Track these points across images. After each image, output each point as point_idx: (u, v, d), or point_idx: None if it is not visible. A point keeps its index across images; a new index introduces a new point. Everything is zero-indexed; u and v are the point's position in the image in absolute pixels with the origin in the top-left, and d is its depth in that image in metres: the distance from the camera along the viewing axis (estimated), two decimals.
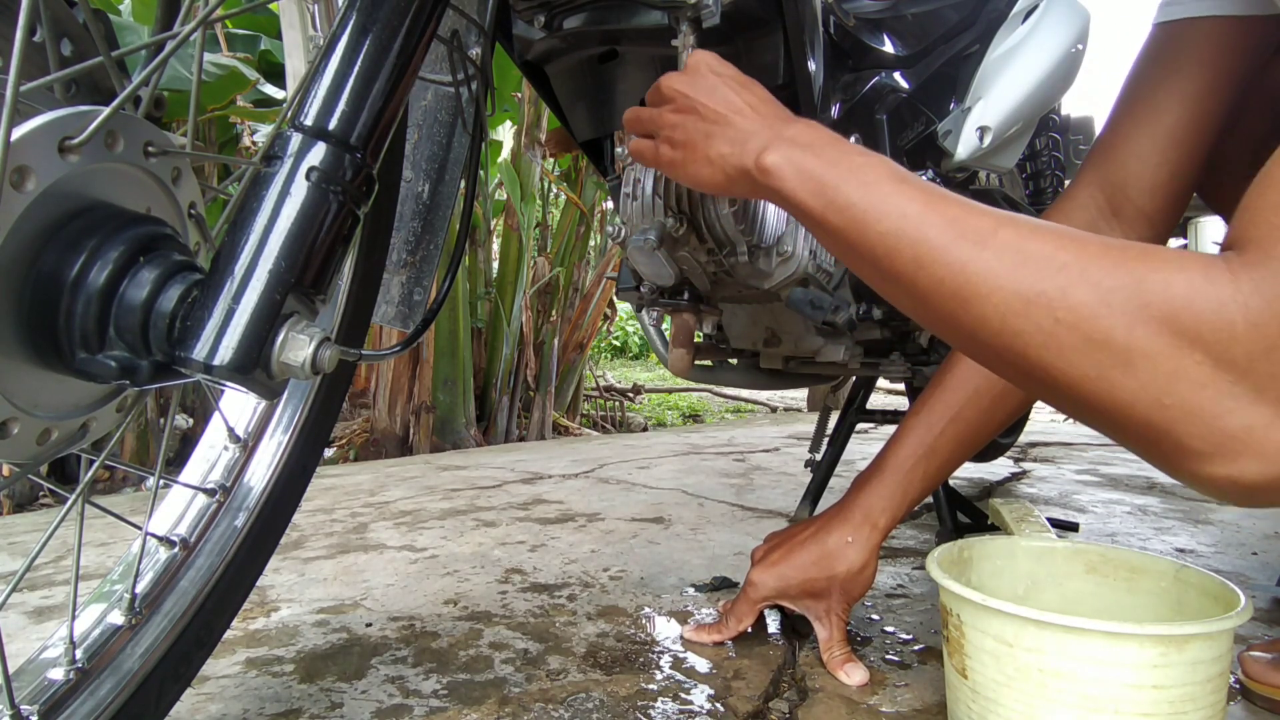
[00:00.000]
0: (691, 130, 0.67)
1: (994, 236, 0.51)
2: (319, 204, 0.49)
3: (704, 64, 0.68)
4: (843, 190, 0.58)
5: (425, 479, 2.15)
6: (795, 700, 0.82)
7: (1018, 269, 0.50)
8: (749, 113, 0.65)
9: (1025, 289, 0.49)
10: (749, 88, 0.67)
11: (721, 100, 0.66)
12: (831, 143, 0.61)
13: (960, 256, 0.52)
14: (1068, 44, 1.05)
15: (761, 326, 1.10)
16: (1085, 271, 0.48)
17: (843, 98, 0.88)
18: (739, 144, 0.64)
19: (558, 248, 4.17)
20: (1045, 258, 0.50)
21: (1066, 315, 0.48)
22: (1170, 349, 0.45)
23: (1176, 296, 0.46)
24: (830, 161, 0.59)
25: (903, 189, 0.56)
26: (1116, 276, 0.47)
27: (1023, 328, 0.50)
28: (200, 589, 0.69)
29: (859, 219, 0.57)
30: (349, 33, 0.51)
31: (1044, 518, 1.08)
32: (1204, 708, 0.60)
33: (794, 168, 0.60)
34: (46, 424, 0.46)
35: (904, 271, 0.55)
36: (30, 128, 0.42)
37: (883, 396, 4.88)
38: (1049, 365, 0.49)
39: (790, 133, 0.63)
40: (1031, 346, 0.49)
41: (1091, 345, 0.47)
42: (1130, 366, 0.46)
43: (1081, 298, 0.48)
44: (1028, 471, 2.19)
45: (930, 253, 0.53)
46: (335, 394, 0.81)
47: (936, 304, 0.54)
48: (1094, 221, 0.81)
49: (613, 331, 9.52)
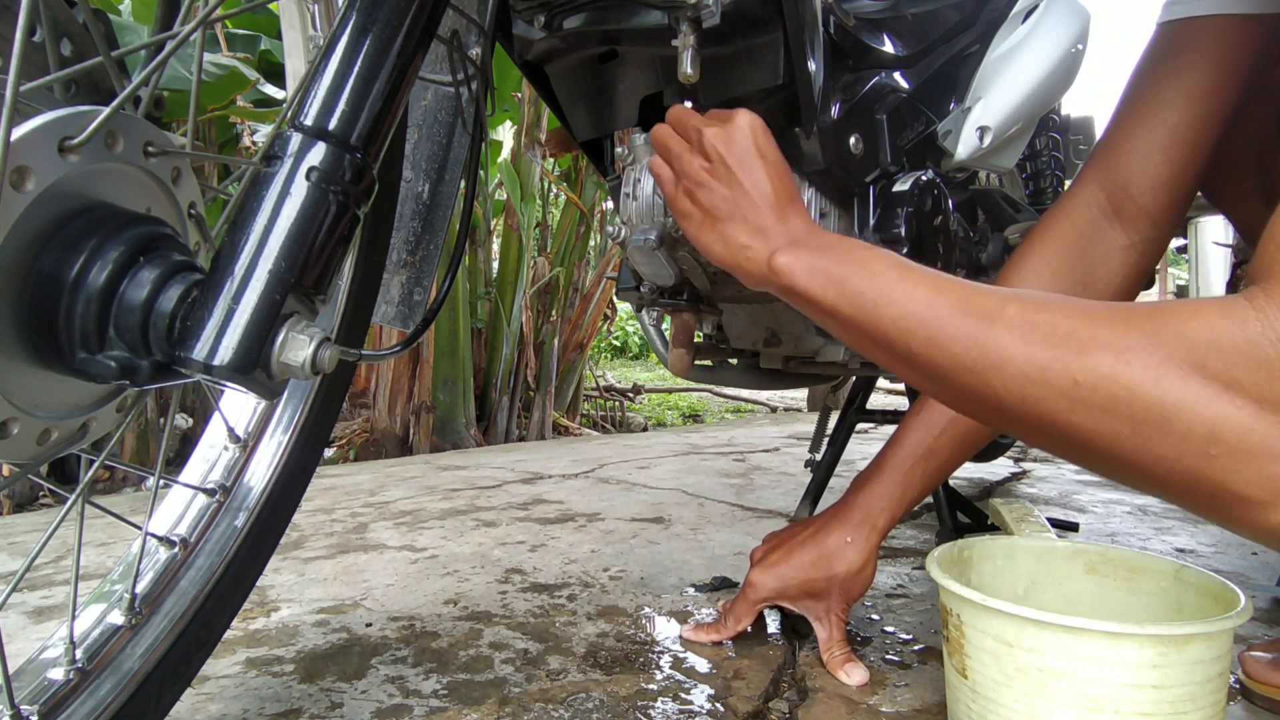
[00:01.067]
0: (719, 202, 0.69)
1: (1001, 312, 0.52)
2: (319, 204, 0.49)
3: (750, 132, 0.69)
4: (851, 281, 0.60)
5: (425, 479, 2.15)
6: (795, 700, 0.82)
7: (1028, 338, 0.50)
8: (775, 209, 0.68)
9: (1038, 356, 0.49)
10: (783, 179, 0.69)
11: (756, 185, 0.68)
12: (840, 242, 0.65)
13: (970, 333, 0.53)
14: (1068, 44, 1.05)
15: (761, 326, 1.10)
16: (1095, 333, 0.48)
17: (843, 98, 0.88)
18: (757, 240, 0.67)
19: (558, 248, 4.17)
20: (1053, 325, 0.50)
21: (1085, 376, 0.47)
22: (1205, 396, 0.43)
23: (1199, 342, 0.44)
24: (839, 259, 0.62)
25: (909, 275, 0.58)
26: (1130, 334, 0.46)
27: (1043, 394, 0.49)
28: (200, 589, 0.69)
29: (869, 307, 0.59)
30: (349, 33, 0.51)
31: (1044, 518, 1.08)
32: (1204, 708, 0.60)
33: (804, 266, 0.63)
34: (46, 424, 0.46)
35: (919, 352, 0.56)
36: (30, 128, 0.42)
37: (883, 396, 4.87)
38: (1078, 429, 0.48)
39: (804, 239, 0.66)
40: (1058, 412, 0.49)
41: (1118, 404, 0.46)
42: (1165, 420, 0.45)
43: (1097, 359, 0.47)
44: (1028, 471, 2.19)
45: (941, 332, 0.54)
46: (335, 394, 0.81)
47: (955, 380, 0.54)
48: (1096, 220, 0.81)
49: (613, 331, 9.52)
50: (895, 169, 0.95)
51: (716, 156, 0.69)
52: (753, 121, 0.70)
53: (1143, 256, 0.80)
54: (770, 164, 0.69)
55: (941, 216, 0.98)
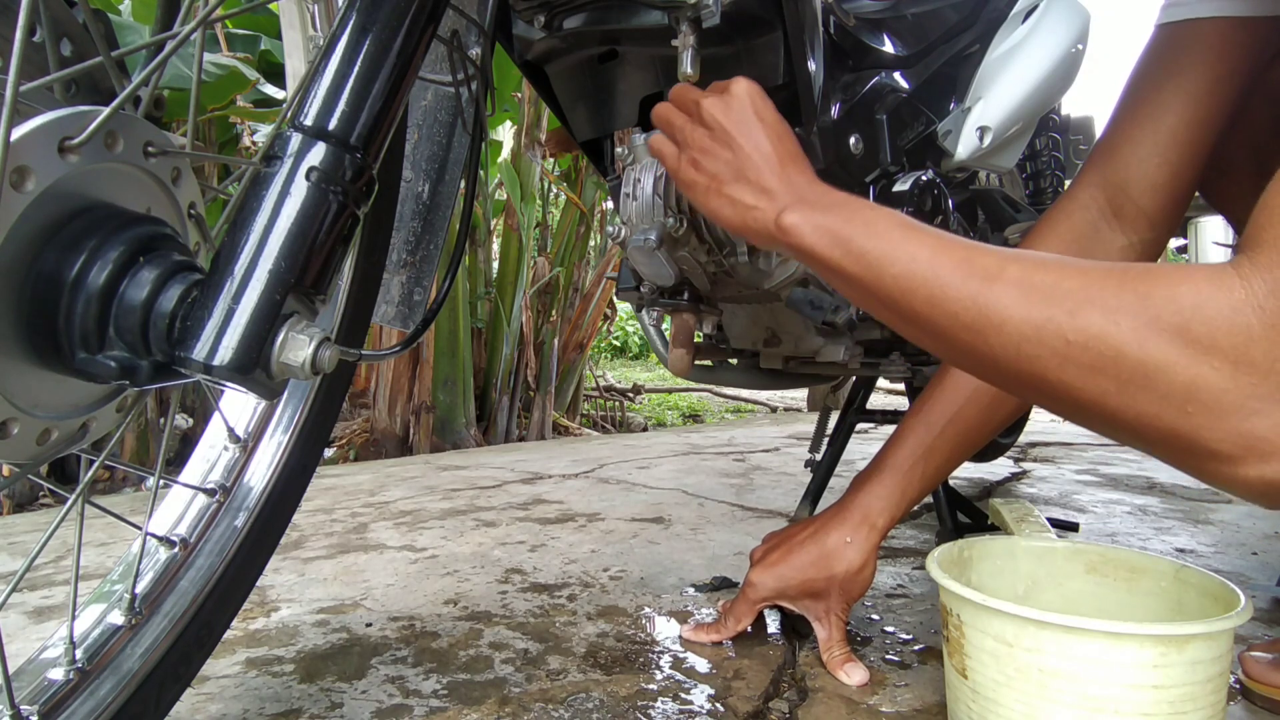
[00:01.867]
0: (722, 166, 0.70)
1: (1002, 271, 0.54)
2: (319, 204, 0.49)
3: (748, 98, 0.71)
4: (856, 240, 0.61)
5: (425, 479, 2.15)
6: (795, 700, 0.82)
7: (1026, 298, 0.52)
8: (777, 168, 0.68)
9: (1035, 316, 0.51)
10: (783, 139, 0.70)
11: (757, 147, 0.69)
12: (846, 200, 0.65)
13: (971, 292, 0.54)
14: (1068, 44, 1.05)
15: (761, 326, 1.10)
16: (1090, 294, 0.49)
17: (843, 98, 0.88)
18: (763, 199, 0.68)
19: (558, 248, 4.17)
20: (1051, 285, 0.51)
21: (1077, 336, 0.49)
22: (1186, 358, 0.46)
23: (1185, 306, 0.46)
24: (845, 217, 0.63)
25: (913, 235, 0.59)
26: (1121, 296, 0.48)
27: (1037, 353, 0.51)
28: (200, 589, 0.69)
29: (874, 265, 0.60)
30: (349, 33, 0.51)
31: (1044, 518, 1.08)
32: (1204, 708, 0.60)
33: (811, 225, 0.64)
34: (46, 424, 0.46)
35: (920, 310, 0.57)
36: (30, 128, 0.42)
37: (883, 396, 4.87)
38: (1068, 386, 0.51)
39: (809, 195, 0.67)
40: (1049, 370, 0.51)
41: (1105, 362, 0.48)
42: (1148, 379, 0.47)
43: (1089, 318, 0.49)
44: (1028, 471, 2.19)
45: (943, 291, 0.56)
46: (335, 394, 0.81)
47: (954, 338, 0.56)
48: (1095, 221, 0.81)
49: (613, 331, 9.52)
50: (895, 169, 0.95)
51: (716, 124, 0.70)
52: (749, 87, 0.71)
53: (1141, 256, 0.81)
54: (769, 125, 0.70)
55: (941, 216, 0.98)
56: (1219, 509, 1.69)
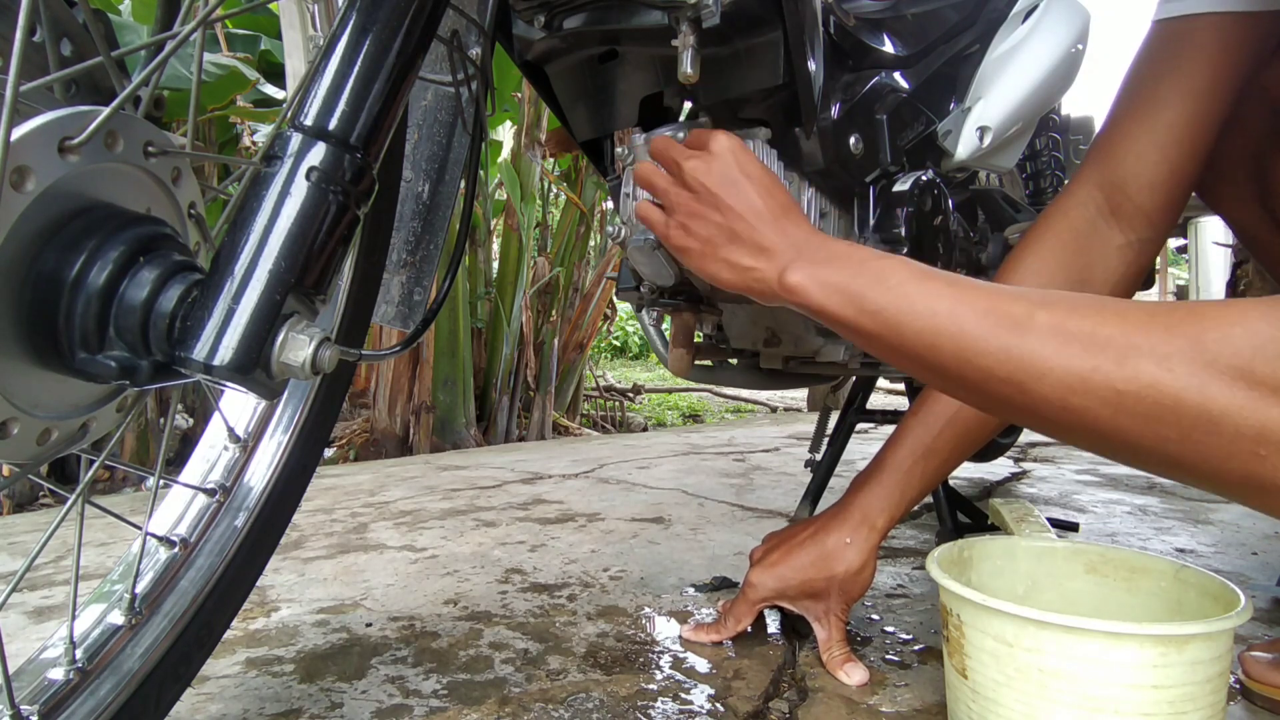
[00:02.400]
0: (713, 230, 0.68)
1: (1031, 320, 0.51)
2: (319, 204, 0.49)
3: (730, 155, 0.69)
4: (869, 297, 0.59)
5: (425, 479, 2.15)
6: (795, 700, 0.82)
7: (1064, 349, 0.50)
8: (771, 223, 0.66)
9: (1078, 367, 0.49)
10: (772, 192, 0.68)
11: (746, 205, 0.67)
12: (850, 252, 0.63)
13: (1003, 345, 0.52)
14: (1068, 44, 1.05)
15: (761, 326, 1.10)
16: (1134, 341, 0.48)
17: (843, 98, 0.88)
18: (761, 259, 0.66)
19: (558, 248, 4.17)
20: (1090, 334, 0.49)
21: (1128, 386, 0.47)
22: (1253, 400, 0.44)
23: (1243, 347, 0.45)
24: (852, 272, 0.61)
25: (927, 286, 0.57)
26: (1171, 341, 0.47)
27: (1086, 404, 0.49)
28: (200, 589, 0.69)
29: (891, 323, 0.58)
30: (349, 33, 0.51)
31: (1044, 518, 1.08)
32: (1204, 708, 0.60)
33: (818, 284, 0.62)
34: (46, 424, 0.46)
35: (949, 366, 0.55)
36: (30, 128, 0.42)
37: (883, 396, 4.88)
38: (1124, 434, 0.49)
39: (810, 251, 0.64)
40: (1101, 421, 0.49)
41: (1163, 410, 0.47)
42: (1214, 425, 0.46)
43: (1140, 366, 0.47)
44: (1028, 471, 2.19)
45: (972, 345, 0.53)
46: (335, 394, 0.81)
47: (991, 392, 0.54)
48: (1093, 220, 0.81)
49: (613, 331, 9.52)
50: (895, 169, 0.95)
51: (700, 186, 0.69)
52: (729, 143, 0.70)
53: (1140, 255, 0.80)
54: (755, 181, 0.68)
55: (941, 216, 0.98)
56: (1219, 509, 1.69)
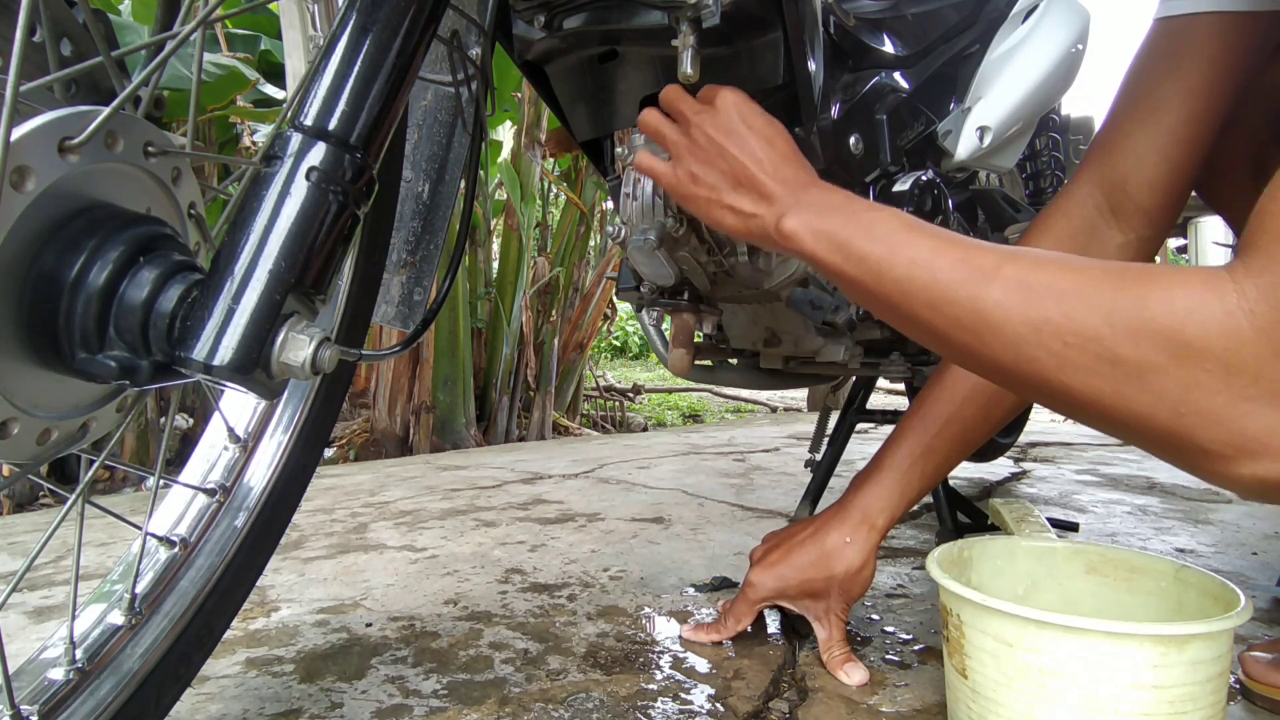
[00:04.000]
0: (718, 177, 0.71)
1: (999, 272, 0.54)
2: (319, 204, 0.49)
3: (734, 109, 0.72)
4: (856, 244, 0.62)
5: (425, 479, 2.15)
6: (795, 700, 0.82)
7: (1024, 300, 0.53)
8: (773, 173, 0.69)
9: (1033, 318, 0.52)
10: (773, 142, 0.71)
11: (750, 155, 0.70)
12: (844, 203, 0.66)
13: (970, 294, 0.55)
14: (1068, 44, 1.05)
15: (761, 326, 1.10)
16: (1086, 296, 0.50)
17: (843, 98, 0.88)
18: (762, 205, 0.69)
19: (558, 248, 4.17)
20: (1047, 286, 0.52)
21: (1074, 339, 0.50)
22: (1179, 360, 0.47)
23: (1179, 309, 0.47)
24: (844, 220, 0.64)
25: (911, 237, 0.60)
26: (1118, 298, 0.49)
27: (1036, 354, 0.52)
28: (200, 589, 0.69)
29: (874, 269, 0.61)
30: (349, 33, 0.51)
31: (1044, 518, 1.08)
32: (1204, 708, 0.61)
33: (811, 230, 0.65)
34: (46, 424, 0.46)
35: (921, 313, 0.58)
36: (30, 128, 0.42)
37: (883, 396, 4.87)
38: (1067, 386, 0.52)
39: (808, 198, 0.67)
40: (1048, 370, 0.52)
41: (1102, 364, 0.49)
42: (1143, 380, 0.48)
43: (1086, 320, 0.50)
44: (1028, 471, 2.19)
45: (942, 293, 0.56)
46: (335, 394, 0.81)
47: (956, 340, 0.57)
48: (1092, 219, 0.80)
49: (613, 331, 9.52)
50: (895, 169, 0.95)
51: (706, 136, 0.72)
52: (734, 96, 0.72)
53: (1139, 254, 0.80)
54: (758, 131, 0.71)
55: (941, 216, 0.98)
56: (1219, 509, 1.69)
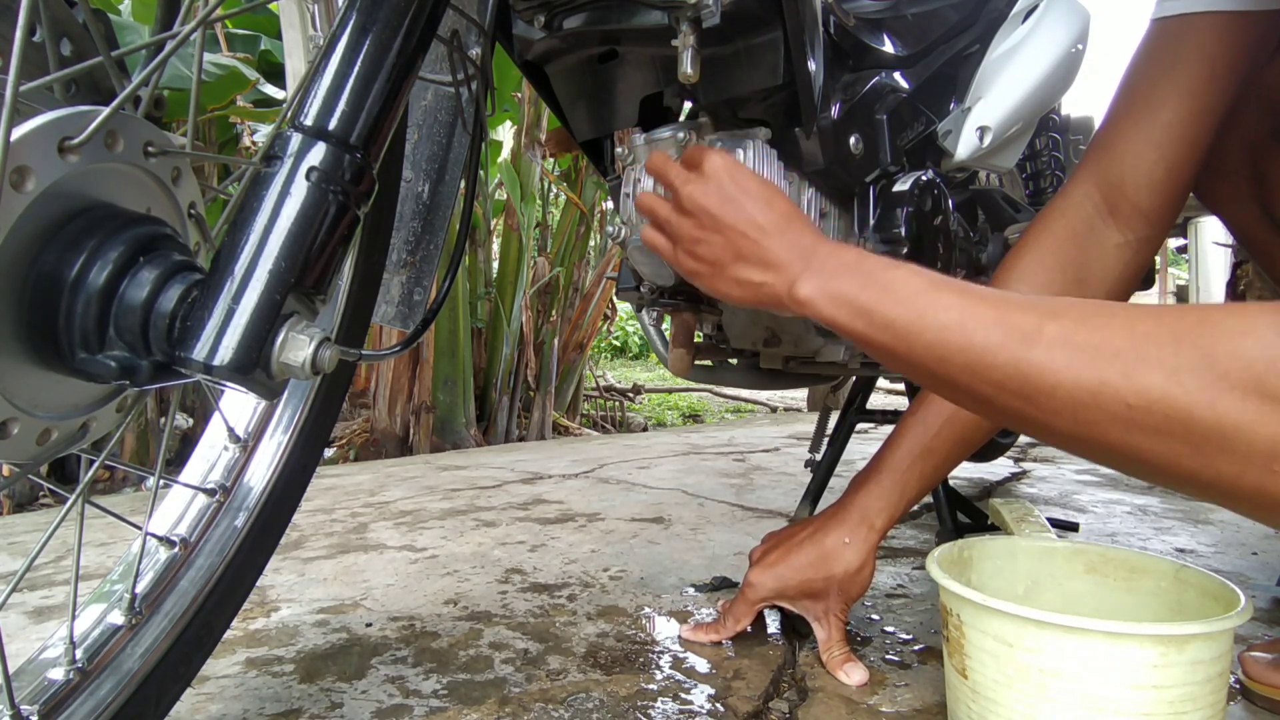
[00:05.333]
0: (718, 251, 0.69)
1: (1040, 333, 0.51)
2: (319, 204, 0.49)
3: (724, 174, 0.69)
4: (879, 310, 0.59)
5: (425, 479, 2.15)
6: (795, 700, 0.82)
7: (1074, 361, 0.49)
8: (777, 238, 0.66)
9: (1087, 380, 0.48)
10: (773, 204, 0.68)
11: (747, 221, 0.67)
12: (858, 262, 0.63)
13: (1012, 358, 0.52)
14: (1068, 44, 1.05)
15: (761, 326, 1.10)
16: (1145, 355, 0.47)
17: (843, 98, 0.88)
18: (770, 274, 0.66)
19: (558, 248, 4.17)
20: (1098, 346, 0.49)
21: (1138, 400, 0.47)
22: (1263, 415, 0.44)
23: (1255, 360, 0.44)
24: (861, 283, 0.61)
25: (937, 297, 0.57)
26: (1180, 354, 0.46)
27: (1096, 418, 0.49)
28: (200, 589, 0.69)
29: (902, 335, 0.58)
30: (349, 33, 0.51)
31: (1044, 518, 1.08)
32: (1204, 708, 0.61)
33: (828, 297, 0.62)
34: (46, 424, 0.46)
35: (960, 379, 0.55)
36: (30, 128, 0.42)
37: (883, 396, 4.87)
38: (1136, 449, 0.48)
39: (818, 261, 0.64)
40: (1112, 435, 0.48)
41: (1174, 425, 0.46)
42: (1226, 440, 0.45)
43: (1149, 380, 0.46)
44: (1028, 471, 2.19)
45: (981, 358, 0.53)
46: (335, 394, 0.81)
47: (1003, 405, 0.53)
48: (1090, 219, 0.80)
49: (613, 331, 9.52)
50: (895, 169, 0.95)
51: (699, 209, 0.69)
52: (723, 161, 0.70)
53: (1138, 255, 0.80)
54: (753, 196, 0.68)
55: (941, 216, 0.98)
56: (1219, 509, 1.69)
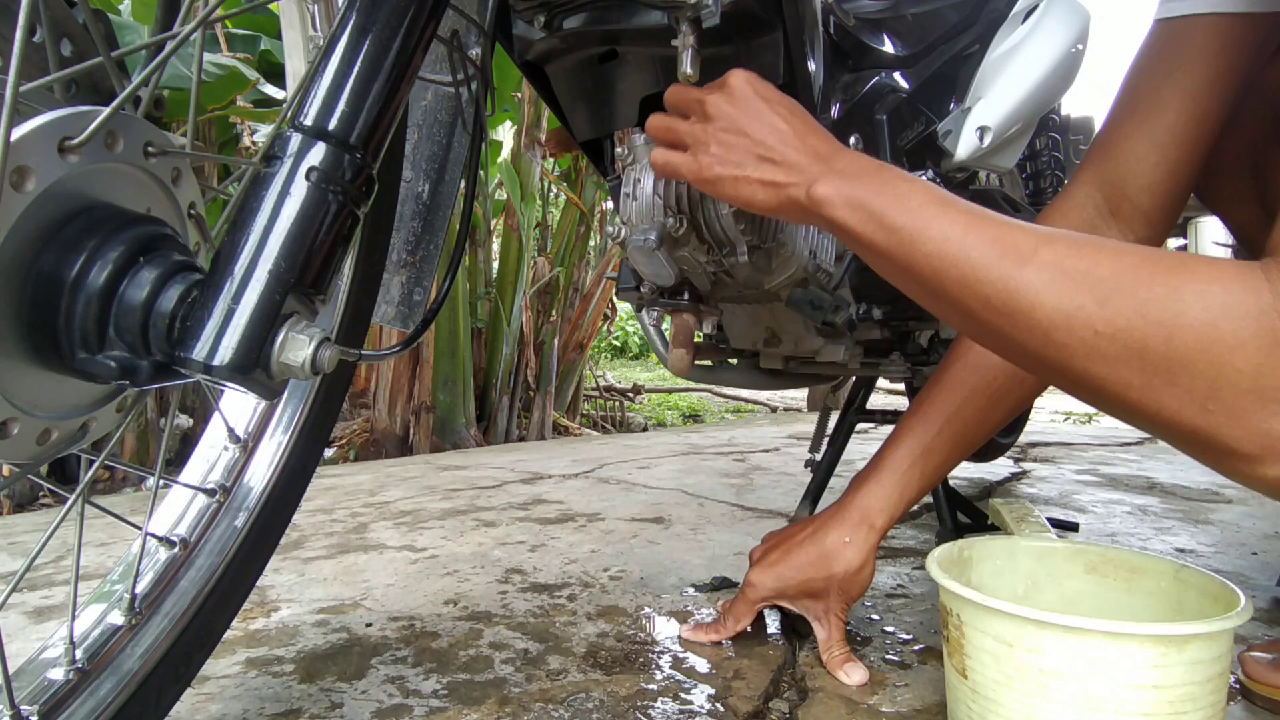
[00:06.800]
0: (742, 154, 0.69)
1: (1034, 255, 0.53)
2: (319, 204, 0.49)
3: (748, 85, 0.70)
4: (888, 215, 0.61)
5: (425, 479, 2.15)
6: (795, 700, 0.82)
7: (1057, 285, 0.52)
8: (797, 142, 0.68)
9: (1065, 304, 0.51)
10: (795, 113, 0.70)
11: (770, 127, 0.69)
12: (876, 171, 0.64)
13: (1003, 274, 0.54)
14: (1068, 44, 1.05)
15: (761, 326, 1.10)
16: (1121, 285, 0.50)
17: (843, 98, 0.88)
18: (793, 174, 0.67)
19: (558, 248, 4.17)
20: (1083, 273, 0.51)
21: (1105, 327, 0.49)
22: (1209, 356, 0.46)
23: (1213, 305, 0.47)
24: (876, 190, 0.62)
25: (945, 211, 0.58)
26: (1152, 289, 0.48)
27: (1065, 341, 0.51)
28: (200, 589, 0.69)
29: (905, 242, 0.59)
30: (349, 33, 0.51)
31: (1044, 518, 1.08)
32: (1204, 708, 0.60)
33: (843, 198, 0.63)
34: (46, 424, 0.46)
35: (951, 290, 0.57)
36: (30, 128, 0.42)
37: (883, 396, 4.88)
38: (1094, 375, 0.51)
39: (839, 164, 0.66)
40: (1076, 358, 0.51)
41: (1131, 355, 0.49)
42: (1171, 374, 0.48)
43: (1118, 310, 0.49)
44: (1028, 471, 2.19)
45: (974, 272, 0.55)
46: (335, 394, 0.81)
47: (985, 320, 0.56)
48: (1092, 220, 0.81)
49: (613, 331, 9.52)
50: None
51: (724, 114, 0.70)
52: (746, 75, 0.71)
53: None
54: (776, 104, 0.70)
55: None
56: (1219, 509, 1.69)
